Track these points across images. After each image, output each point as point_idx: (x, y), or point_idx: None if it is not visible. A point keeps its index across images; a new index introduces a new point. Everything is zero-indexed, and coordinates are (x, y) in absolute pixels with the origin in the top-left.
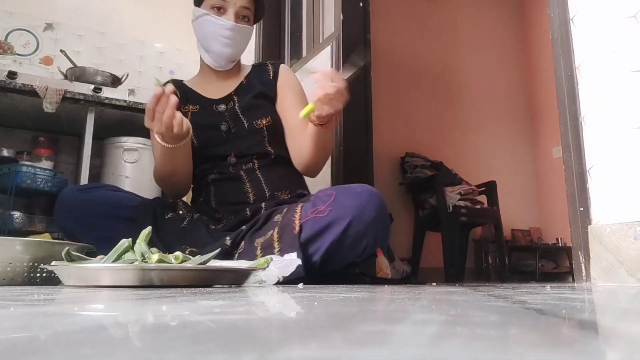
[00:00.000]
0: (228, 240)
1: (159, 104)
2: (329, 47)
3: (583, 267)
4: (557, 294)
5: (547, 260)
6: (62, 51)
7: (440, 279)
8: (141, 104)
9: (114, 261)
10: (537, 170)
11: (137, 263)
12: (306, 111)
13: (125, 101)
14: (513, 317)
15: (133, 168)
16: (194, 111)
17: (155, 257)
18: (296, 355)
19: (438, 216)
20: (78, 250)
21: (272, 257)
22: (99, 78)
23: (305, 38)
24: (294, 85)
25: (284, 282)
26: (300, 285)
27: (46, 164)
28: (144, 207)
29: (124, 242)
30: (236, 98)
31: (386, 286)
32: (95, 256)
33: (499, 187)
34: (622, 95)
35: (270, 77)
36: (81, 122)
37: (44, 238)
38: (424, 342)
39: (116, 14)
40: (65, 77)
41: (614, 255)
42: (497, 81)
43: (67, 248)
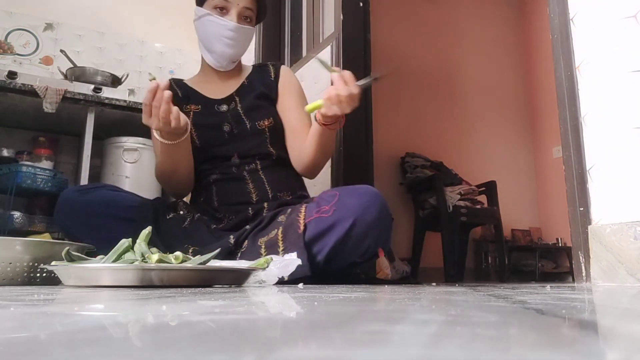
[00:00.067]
0: (232, 239)
1: (155, 99)
2: (329, 47)
3: (583, 267)
4: (557, 294)
5: (547, 260)
6: (62, 51)
7: (440, 279)
8: (141, 103)
9: (114, 261)
10: (537, 170)
11: (137, 263)
12: (313, 106)
13: (125, 101)
14: (513, 317)
15: (133, 168)
16: (196, 111)
17: (155, 257)
18: (296, 355)
19: (438, 216)
20: (78, 250)
21: (272, 257)
22: (99, 78)
23: (305, 38)
24: (295, 86)
25: (288, 281)
26: (300, 285)
27: (46, 164)
28: (145, 207)
29: (124, 242)
30: (238, 98)
31: (386, 286)
32: (95, 256)
33: (499, 187)
34: (622, 95)
35: (272, 78)
36: (81, 122)
37: (44, 238)
38: (424, 342)
39: (116, 14)
40: (65, 77)
41: (614, 255)
42: (497, 81)
43: (67, 248)
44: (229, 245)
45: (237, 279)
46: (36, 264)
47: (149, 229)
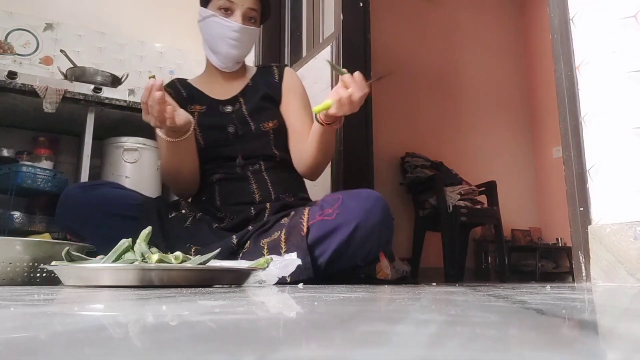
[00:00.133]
0: (234, 240)
1: (149, 99)
2: (329, 47)
3: (583, 267)
4: (557, 294)
5: (547, 260)
6: (62, 51)
7: (440, 279)
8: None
9: (114, 261)
10: (537, 170)
11: (137, 263)
12: (321, 107)
13: (125, 101)
14: (513, 317)
15: (133, 168)
16: (200, 111)
17: (155, 257)
18: (296, 355)
19: (438, 216)
20: (78, 250)
21: (272, 257)
22: (99, 78)
23: (305, 38)
24: (299, 88)
25: (290, 282)
26: (301, 285)
27: (46, 164)
28: (148, 205)
29: (124, 242)
30: (242, 100)
31: (386, 286)
32: (95, 256)
33: (499, 187)
34: (622, 95)
35: (276, 80)
36: (81, 122)
37: (44, 238)
38: (424, 342)
39: (116, 14)
40: (65, 77)
41: (614, 255)
42: (497, 81)
43: (67, 248)
44: (232, 245)
45: (237, 279)
46: (36, 264)
47: (149, 229)
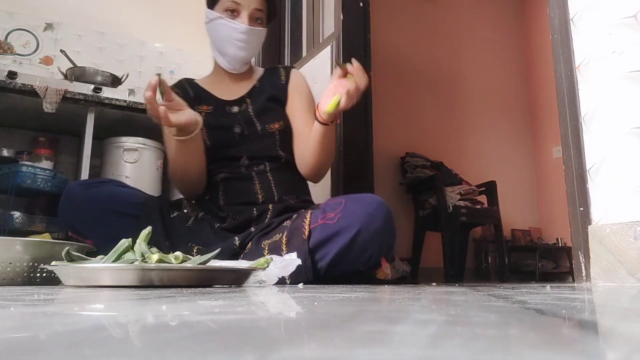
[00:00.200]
0: (237, 241)
1: (143, 97)
2: (329, 47)
3: (583, 267)
4: (557, 294)
5: (547, 260)
6: (62, 51)
7: (440, 279)
8: (141, 104)
9: (114, 261)
10: (537, 170)
11: (137, 263)
12: (334, 104)
13: (125, 101)
14: (513, 317)
15: (133, 168)
16: (207, 112)
17: (155, 257)
18: (296, 355)
19: (438, 216)
20: (78, 250)
21: (272, 257)
22: (99, 78)
23: (305, 38)
24: (304, 90)
25: (290, 283)
26: (301, 285)
27: (46, 164)
28: (151, 204)
29: (124, 242)
30: (249, 100)
31: (386, 286)
32: (95, 256)
33: (499, 187)
34: (622, 95)
35: (282, 81)
36: (81, 122)
37: (44, 238)
38: (424, 342)
39: (116, 14)
40: (65, 77)
41: (614, 255)
42: (497, 81)
43: (67, 248)
44: (234, 247)
45: (237, 279)
46: (36, 264)
47: (148, 228)
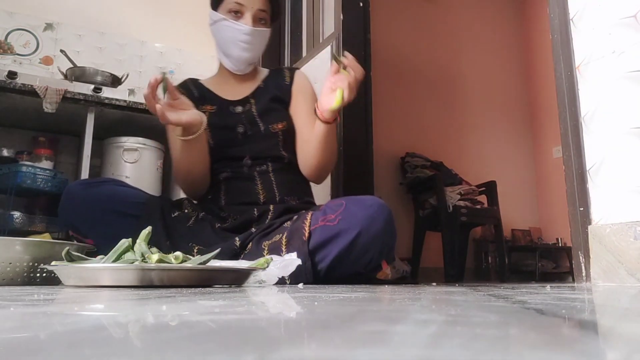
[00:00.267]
0: (237, 242)
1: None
2: (329, 47)
3: (583, 267)
4: (557, 294)
5: (547, 260)
6: (62, 51)
7: (440, 279)
8: (141, 104)
9: (114, 261)
10: (537, 170)
11: (137, 263)
12: (339, 100)
13: (125, 101)
14: (513, 317)
15: (133, 168)
16: (211, 111)
17: (155, 257)
18: (296, 355)
19: (438, 216)
20: (78, 250)
21: (272, 257)
22: (99, 78)
23: (305, 38)
24: (308, 91)
25: (290, 284)
26: (301, 285)
27: (46, 164)
28: (152, 204)
29: (124, 242)
30: (253, 101)
31: (386, 286)
32: (95, 256)
33: (499, 187)
34: (622, 95)
35: (287, 82)
36: (81, 122)
37: (44, 238)
38: (424, 342)
39: (116, 14)
40: (65, 77)
41: (614, 255)
42: (497, 81)
43: (67, 248)
44: (235, 247)
45: (237, 279)
46: (36, 264)
47: (148, 228)
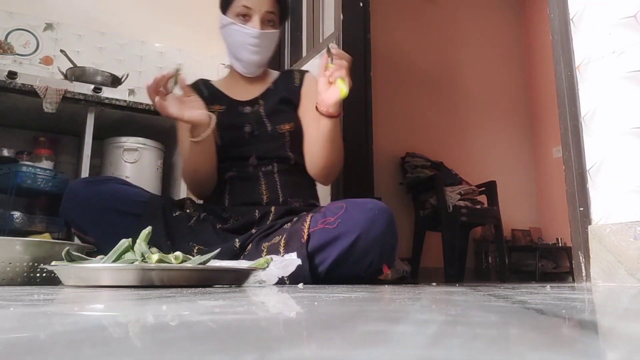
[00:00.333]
0: (237, 243)
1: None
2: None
3: (583, 267)
4: (557, 294)
5: (547, 260)
6: (62, 51)
7: (440, 279)
8: (141, 104)
9: (114, 261)
10: (537, 170)
11: (137, 263)
12: (344, 90)
13: (125, 101)
14: (513, 317)
15: (133, 168)
16: (220, 111)
17: (155, 257)
18: (296, 355)
19: (438, 216)
20: (78, 250)
21: (272, 257)
22: (99, 78)
23: (305, 38)
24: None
25: (289, 284)
26: (300, 285)
27: (46, 164)
28: (153, 203)
29: (124, 242)
30: (262, 102)
31: (386, 286)
32: (95, 256)
33: (499, 187)
34: (622, 95)
35: (296, 84)
36: (81, 122)
37: (44, 238)
38: (424, 342)
39: (116, 14)
40: (65, 77)
41: (614, 255)
42: (497, 81)
43: (67, 248)
44: (234, 248)
45: (237, 279)
46: (36, 264)
47: (148, 229)
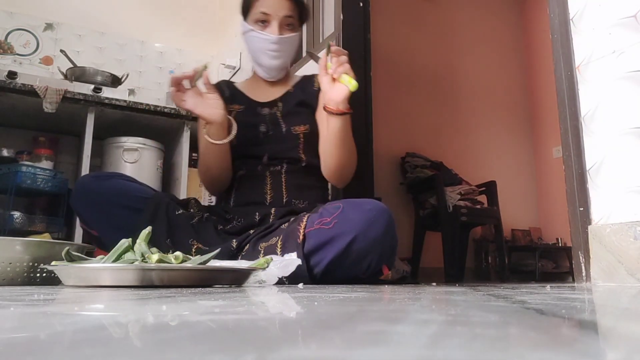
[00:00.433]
0: (234, 243)
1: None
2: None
3: (583, 267)
4: (557, 294)
5: (547, 260)
6: (62, 51)
7: (440, 279)
8: (141, 104)
9: (114, 261)
10: (537, 170)
11: (137, 263)
12: (353, 83)
13: (125, 101)
14: (513, 317)
15: (133, 168)
16: (238, 110)
17: (155, 257)
18: (296, 355)
19: (438, 216)
20: (78, 250)
21: (272, 257)
22: (99, 78)
23: (305, 38)
24: None
25: (289, 283)
26: (300, 285)
27: (46, 164)
28: (157, 200)
29: (124, 242)
30: (281, 104)
31: (386, 286)
32: (95, 256)
33: (499, 187)
34: (622, 96)
35: (315, 88)
36: (81, 122)
37: (44, 238)
38: (424, 342)
39: (116, 14)
40: (65, 77)
41: (614, 255)
42: (497, 81)
43: (67, 248)
44: (231, 248)
45: (237, 279)
46: (36, 264)
47: (149, 229)
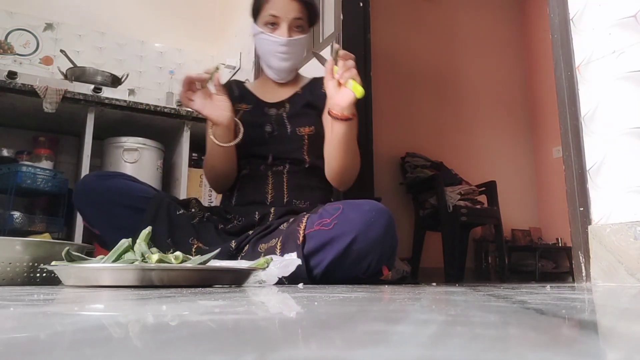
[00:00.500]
0: (233, 244)
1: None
2: (329, 47)
3: (583, 267)
4: (557, 294)
5: (547, 260)
6: (62, 51)
7: (440, 279)
8: (141, 104)
9: (114, 261)
10: (537, 170)
11: (137, 263)
12: (359, 89)
13: (125, 101)
14: (513, 317)
15: (133, 168)
16: (246, 110)
17: (155, 257)
18: (296, 355)
19: (438, 216)
20: (78, 250)
21: (272, 257)
22: (99, 78)
23: None
24: None
25: (288, 283)
26: (300, 285)
27: (46, 164)
28: (158, 200)
29: (124, 242)
30: (288, 105)
31: (386, 286)
32: (95, 255)
33: (499, 187)
34: (622, 96)
35: (322, 90)
36: (81, 122)
37: (44, 238)
38: (424, 342)
39: (116, 14)
40: (65, 77)
41: (614, 255)
42: (497, 81)
43: (67, 248)
44: (230, 249)
45: (237, 279)
46: (36, 264)
47: (148, 229)
